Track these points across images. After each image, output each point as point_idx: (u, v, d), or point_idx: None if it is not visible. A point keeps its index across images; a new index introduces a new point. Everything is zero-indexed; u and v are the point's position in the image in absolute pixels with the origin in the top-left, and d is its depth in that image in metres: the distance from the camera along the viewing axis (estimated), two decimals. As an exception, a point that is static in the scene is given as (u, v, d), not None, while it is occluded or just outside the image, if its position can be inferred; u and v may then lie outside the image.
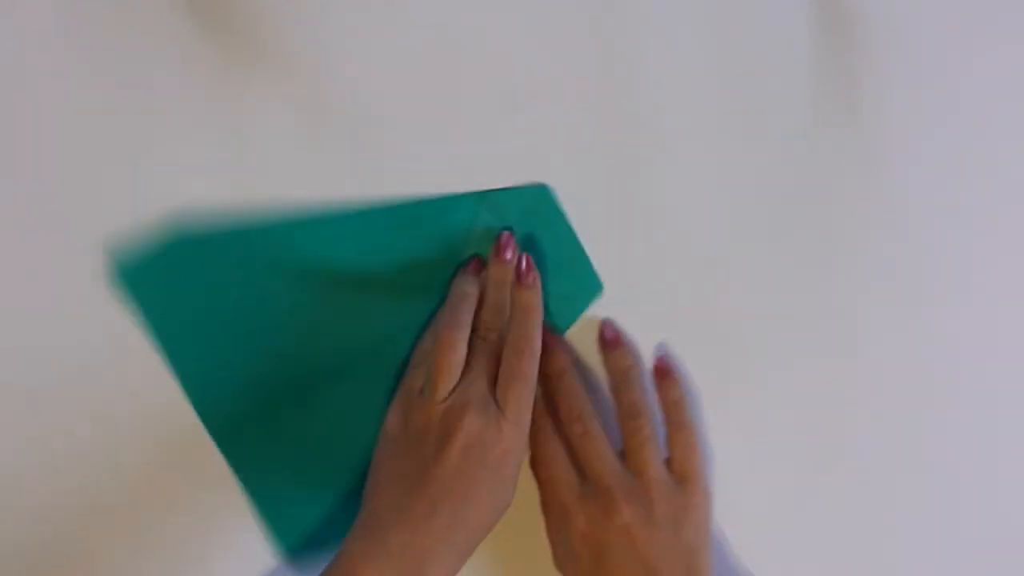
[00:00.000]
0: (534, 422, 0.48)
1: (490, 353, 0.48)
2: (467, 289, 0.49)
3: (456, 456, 0.45)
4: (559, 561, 0.49)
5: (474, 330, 0.48)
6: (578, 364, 0.51)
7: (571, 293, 0.51)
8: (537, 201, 0.50)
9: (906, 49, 0.51)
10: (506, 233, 0.49)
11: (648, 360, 0.51)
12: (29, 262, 0.50)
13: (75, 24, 0.50)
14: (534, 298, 0.49)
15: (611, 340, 0.50)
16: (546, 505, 0.49)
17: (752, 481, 0.51)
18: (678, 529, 0.47)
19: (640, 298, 0.51)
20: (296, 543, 0.50)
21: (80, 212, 0.50)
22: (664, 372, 0.50)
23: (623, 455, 0.49)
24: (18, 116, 0.50)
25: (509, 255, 0.49)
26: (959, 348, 0.52)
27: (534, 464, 0.49)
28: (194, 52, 0.50)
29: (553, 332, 0.50)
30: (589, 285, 0.51)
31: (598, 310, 0.51)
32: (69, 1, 0.50)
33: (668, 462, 0.49)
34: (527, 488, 0.49)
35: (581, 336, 0.51)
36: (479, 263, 0.50)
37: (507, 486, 0.46)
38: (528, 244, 0.50)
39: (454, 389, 0.47)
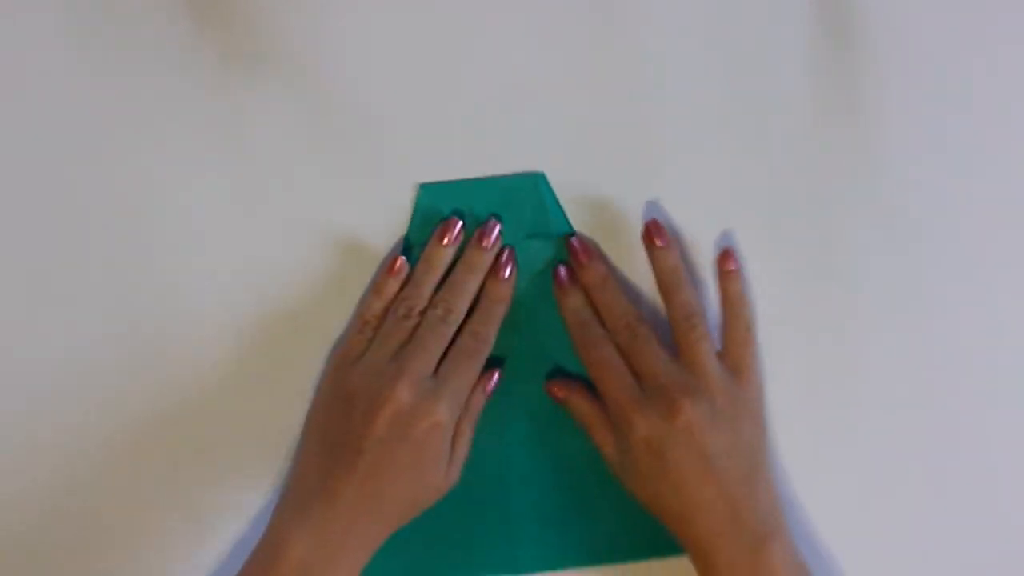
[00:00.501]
0: (585, 331, 0.48)
1: (440, 333, 0.47)
2: (438, 263, 0.48)
3: (382, 427, 0.44)
4: (618, 471, 0.48)
5: (430, 305, 0.48)
6: (616, 274, 0.51)
7: (529, 211, 0.50)
8: (436, 195, 0.50)
9: (906, 49, 0.51)
10: (492, 220, 0.49)
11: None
12: (29, 261, 0.50)
13: (75, 25, 0.50)
14: (506, 292, 0.49)
15: (657, 237, 0.49)
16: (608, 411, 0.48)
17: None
18: (738, 423, 0.46)
19: (640, 296, 0.51)
20: None
21: (80, 212, 0.50)
22: (729, 264, 0.49)
23: (674, 354, 0.48)
24: (17, 115, 0.50)
25: (489, 243, 0.49)
26: (960, 347, 0.52)
27: (589, 371, 0.48)
28: (193, 52, 0.50)
29: (587, 243, 0.50)
30: (530, 185, 0.50)
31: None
32: (70, 3, 0.50)
33: (721, 355, 0.48)
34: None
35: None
36: (458, 232, 0.49)
37: (435, 463, 0.46)
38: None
39: (391, 359, 0.46)
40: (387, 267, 0.49)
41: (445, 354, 0.47)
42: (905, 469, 0.52)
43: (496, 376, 0.49)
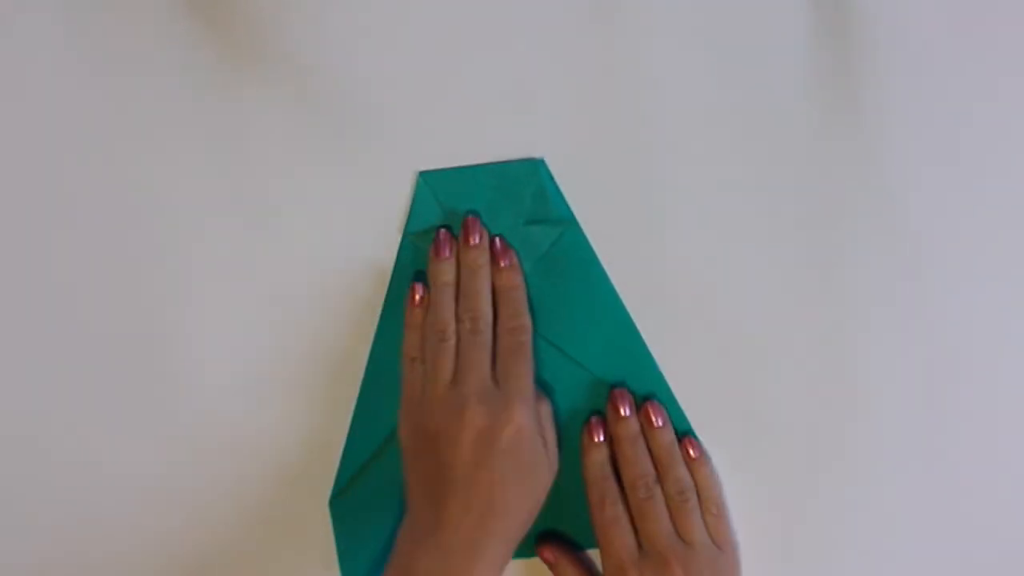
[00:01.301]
0: (603, 487, 0.50)
1: (479, 343, 0.48)
2: (445, 279, 0.49)
3: (468, 451, 0.46)
4: None
5: (457, 320, 0.49)
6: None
7: (529, 197, 0.50)
8: (435, 182, 0.50)
9: (906, 49, 0.51)
10: (470, 217, 0.50)
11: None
12: (29, 263, 0.51)
13: (75, 26, 0.50)
14: (514, 278, 0.50)
15: (655, 416, 0.50)
16: (603, 564, 0.50)
17: (753, 480, 0.51)
18: None
19: (640, 297, 0.51)
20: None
21: (80, 213, 0.50)
22: (693, 453, 0.51)
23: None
24: (16, 115, 0.51)
25: (476, 239, 0.49)
26: (960, 348, 0.51)
27: (597, 524, 0.50)
28: (193, 53, 0.50)
29: (628, 396, 0.51)
30: (530, 171, 0.50)
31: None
32: (69, 3, 0.50)
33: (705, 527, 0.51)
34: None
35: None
36: (450, 240, 0.50)
37: (533, 463, 0.47)
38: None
39: (451, 386, 0.47)
40: (410, 300, 0.50)
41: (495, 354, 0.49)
42: (905, 477, 0.52)
43: None
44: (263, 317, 0.51)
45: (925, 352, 0.51)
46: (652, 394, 0.51)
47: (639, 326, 0.51)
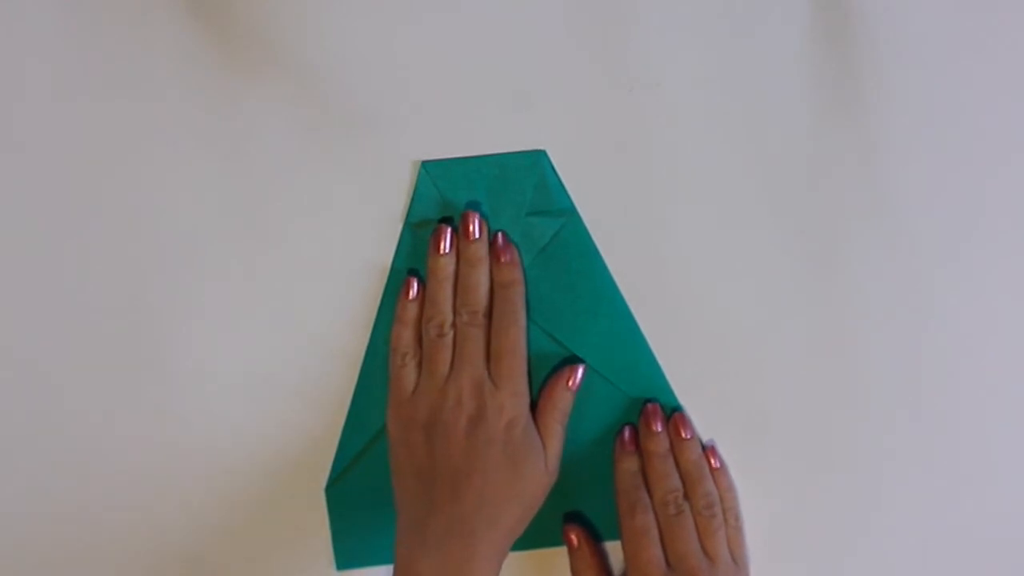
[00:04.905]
0: (633, 496, 0.50)
1: (474, 336, 0.48)
2: (445, 273, 0.49)
3: (461, 439, 0.46)
4: None
5: (455, 312, 0.49)
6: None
7: (531, 188, 0.50)
8: (437, 173, 0.51)
9: (906, 49, 0.51)
10: (468, 211, 0.50)
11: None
12: (29, 264, 0.51)
13: (75, 29, 0.50)
14: (512, 273, 0.50)
15: (683, 429, 0.50)
16: (629, 573, 0.50)
17: (753, 480, 0.51)
18: None
19: (640, 289, 0.51)
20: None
21: (79, 213, 0.51)
22: (716, 464, 0.51)
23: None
24: (18, 118, 0.51)
25: (475, 232, 0.49)
26: (960, 347, 0.51)
27: (625, 532, 0.50)
28: (193, 55, 0.50)
29: (660, 411, 0.51)
30: (532, 162, 0.51)
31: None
32: (69, 6, 0.50)
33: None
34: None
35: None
36: (450, 234, 0.50)
37: (527, 457, 0.47)
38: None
39: (447, 378, 0.48)
40: (403, 294, 0.50)
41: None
42: (905, 476, 0.52)
43: (580, 373, 0.50)
44: (264, 308, 0.51)
45: (927, 351, 0.51)
46: (655, 395, 0.51)
47: (638, 318, 0.51)
